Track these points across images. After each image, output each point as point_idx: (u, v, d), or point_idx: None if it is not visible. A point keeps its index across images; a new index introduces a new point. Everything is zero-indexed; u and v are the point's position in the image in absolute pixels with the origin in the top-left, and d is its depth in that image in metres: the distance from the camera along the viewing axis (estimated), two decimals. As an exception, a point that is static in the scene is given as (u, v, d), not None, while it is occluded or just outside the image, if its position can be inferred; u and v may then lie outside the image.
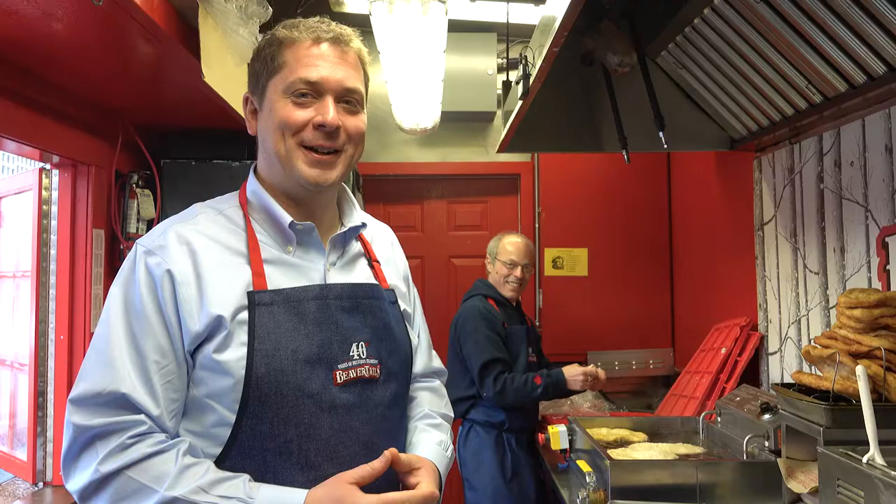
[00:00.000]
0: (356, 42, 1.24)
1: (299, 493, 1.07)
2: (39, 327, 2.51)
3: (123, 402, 1.06)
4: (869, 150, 2.08)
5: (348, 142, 1.21)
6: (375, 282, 1.31)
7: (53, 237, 2.53)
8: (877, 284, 2.04)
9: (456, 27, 3.31)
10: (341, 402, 1.16)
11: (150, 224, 2.80)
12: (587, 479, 2.03)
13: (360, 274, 1.30)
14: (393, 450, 1.15)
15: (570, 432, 2.46)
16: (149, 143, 2.78)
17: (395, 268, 1.42)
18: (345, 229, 1.28)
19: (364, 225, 1.33)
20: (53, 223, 2.54)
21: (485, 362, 2.80)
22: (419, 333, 1.46)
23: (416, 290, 1.50)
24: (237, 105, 2.13)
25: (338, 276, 1.25)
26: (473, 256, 4.07)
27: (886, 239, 2.01)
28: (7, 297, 2.79)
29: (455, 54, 3.59)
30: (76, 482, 1.07)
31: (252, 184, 1.26)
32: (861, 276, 2.12)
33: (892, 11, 1.62)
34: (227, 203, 1.25)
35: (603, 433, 2.50)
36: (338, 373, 1.16)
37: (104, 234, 2.62)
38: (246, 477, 1.08)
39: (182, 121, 2.77)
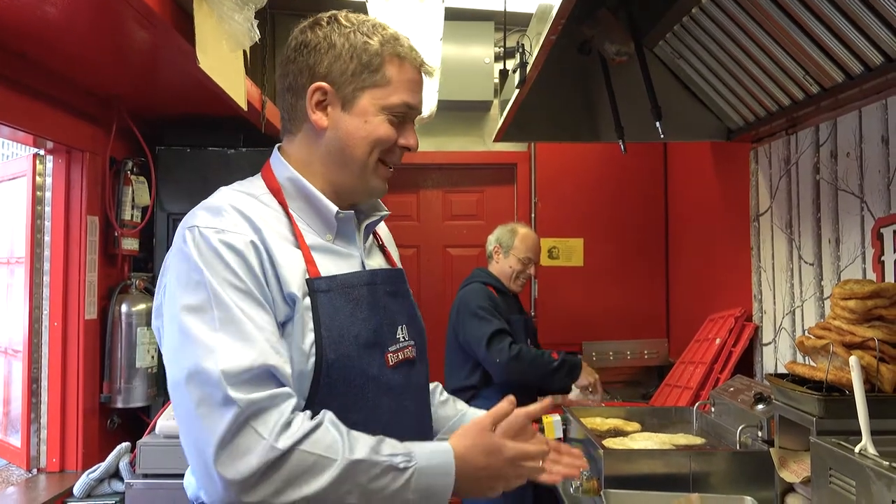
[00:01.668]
0: None
1: (444, 444, 1.11)
2: (33, 314, 2.51)
3: (270, 376, 1.04)
4: (865, 141, 2.08)
5: None
6: (396, 267, 1.38)
7: (47, 223, 2.53)
8: (871, 275, 2.05)
9: (453, 15, 3.29)
10: (395, 383, 1.21)
11: (145, 211, 2.79)
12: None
13: (379, 260, 1.35)
14: (511, 397, 1.19)
15: (565, 422, 2.46)
16: (144, 129, 2.76)
17: (394, 252, 1.46)
18: (376, 217, 1.32)
19: (388, 213, 1.37)
20: (47, 209, 2.53)
21: (493, 332, 2.78)
22: None
23: None
24: (232, 92, 2.12)
25: (370, 263, 1.29)
26: (469, 246, 4.07)
27: (881, 230, 2.01)
28: (1, 283, 2.78)
29: (452, 43, 3.58)
30: (241, 467, 0.98)
31: (285, 170, 1.23)
32: (856, 267, 2.12)
33: (890, 1, 1.61)
34: (259, 189, 1.22)
35: (597, 423, 2.51)
36: (389, 355, 1.21)
37: (98, 221, 2.62)
38: (392, 440, 1.09)
39: (177, 107, 2.75)
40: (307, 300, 1.12)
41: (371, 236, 1.38)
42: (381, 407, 1.17)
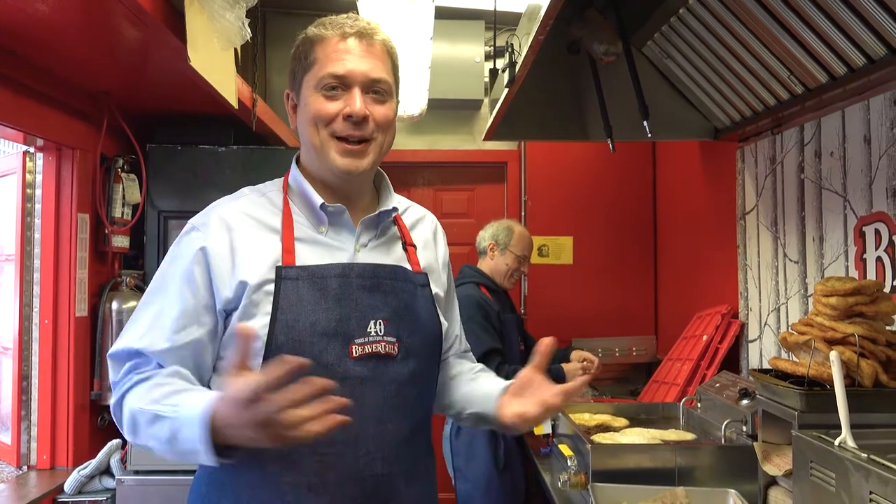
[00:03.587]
0: (381, 34, 1.31)
1: (210, 396, 1.07)
2: (24, 311, 2.50)
3: (137, 355, 1.20)
4: (848, 140, 2.11)
5: (377, 130, 1.28)
6: (405, 265, 1.36)
7: (38, 221, 2.52)
8: (854, 273, 2.08)
9: (443, 14, 3.30)
10: (354, 374, 1.22)
11: (136, 209, 2.80)
12: (569, 463, 2.07)
13: (392, 256, 1.36)
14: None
15: (553, 417, 2.48)
16: (134, 127, 2.76)
17: (434, 253, 1.46)
18: (376, 213, 1.35)
19: (395, 209, 1.38)
20: (38, 207, 2.53)
21: (484, 352, 2.74)
22: (451, 319, 1.54)
23: (451, 277, 1.55)
24: (223, 90, 2.13)
25: (367, 257, 1.32)
26: (459, 244, 4.06)
27: (863, 228, 2.04)
28: (-9, 280, 2.78)
29: (442, 41, 3.59)
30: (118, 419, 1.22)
31: (293, 171, 1.36)
32: (839, 265, 2.16)
33: (872, 3, 1.64)
34: (272, 187, 1.36)
35: (585, 418, 2.53)
36: (353, 347, 1.23)
37: (89, 219, 2.62)
38: (203, 390, 1.17)
39: (168, 105, 2.75)
40: (270, 286, 1.21)
41: (396, 231, 1.39)
42: (333, 394, 1.17)
